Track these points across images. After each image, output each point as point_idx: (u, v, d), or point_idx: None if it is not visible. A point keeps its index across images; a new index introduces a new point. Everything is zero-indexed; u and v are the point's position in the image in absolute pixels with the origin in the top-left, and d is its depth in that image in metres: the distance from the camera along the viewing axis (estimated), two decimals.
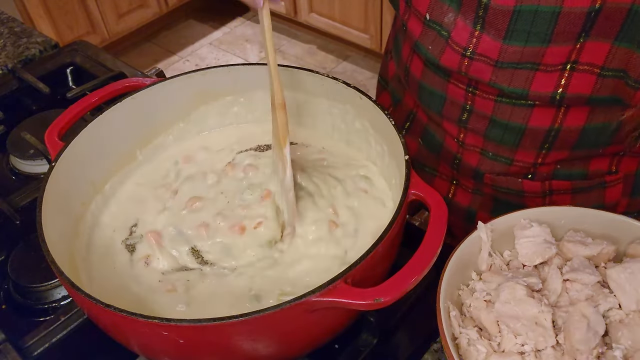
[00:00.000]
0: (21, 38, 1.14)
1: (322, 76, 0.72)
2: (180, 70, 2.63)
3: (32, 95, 1.02)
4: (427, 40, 0.66)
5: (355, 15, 2.51)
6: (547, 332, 0.52)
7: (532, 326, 0.53)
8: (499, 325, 0.54)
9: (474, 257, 0.60)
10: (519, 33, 0.58)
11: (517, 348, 0.53)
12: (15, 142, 0.90)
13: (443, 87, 0.69)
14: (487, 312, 0.55)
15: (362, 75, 2.70)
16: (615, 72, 0.58)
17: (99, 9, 2.62)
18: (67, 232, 0.64)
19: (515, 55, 0.59)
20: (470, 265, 0.60)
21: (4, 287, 0.73)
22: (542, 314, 0.53)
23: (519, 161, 0.69)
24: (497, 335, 0.54)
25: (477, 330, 0.55)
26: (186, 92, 0.76)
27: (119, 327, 0.53)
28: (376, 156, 0.72)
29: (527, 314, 0.53)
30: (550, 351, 0.52)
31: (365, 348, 0.63)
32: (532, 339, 0.52)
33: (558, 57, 0.58)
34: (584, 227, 0.61)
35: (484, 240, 0.59)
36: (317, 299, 0.48)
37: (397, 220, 0.54)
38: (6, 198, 0.79)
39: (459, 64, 0.63)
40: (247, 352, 0.52)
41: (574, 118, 0.63)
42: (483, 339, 0.54)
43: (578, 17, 0.55)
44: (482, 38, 0.60)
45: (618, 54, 0.57)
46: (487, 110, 0.66)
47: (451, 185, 0.80)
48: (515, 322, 0.53)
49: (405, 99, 0.80)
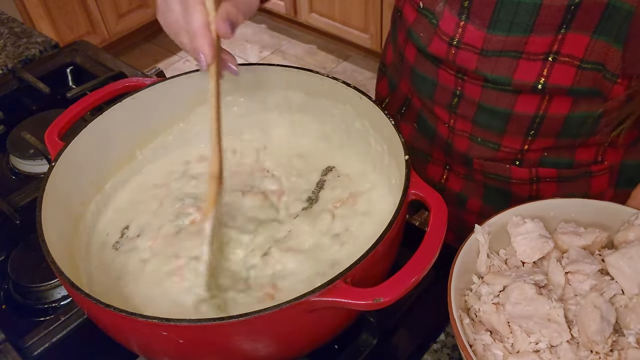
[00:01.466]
0: (21, 38, 1.14)
1: (322, 76, 0.72)
2: (180, 70, 2.63)
3: (32, 95, 1.02)
4: (419, 28, 0.69)
5: (355, 15, 2.51)
6: (562, 327, 0.53)
7: (545, 323, 0.53)
8: (510, 326, 0.54)
9: (472, 260, 0.60)
10: (502, 23, 0.61)
11: (532, 347, 0.53)
12: (15, 142, 0.90)
13: (434, 73, 0.71)
14: (497, 315, 0.55)
15: (362, 75, 2.70)
16: (594, 64, 0.60)
17: (99, 9, 2.62)
18: (67, 232, 0.64)
19: (498, 44, 0.62)
20: (470, 269, 0.60)
21: (4, 287, 0.73)
22: (554, 309, 0.53)
23: (506, 147, 0.71)
24: (510, 337, 0.54)
25: (488, 333, 0.55)
26: (186, 92, 0.76)
27: (119, 327, 0.53)
28: (377, 159, 0.72)
29: (539, 312, 0.53)
30: (566, 346, 0.52)
31: (365, 348, 0.63)
32: (546, 336, 0.53)
33: (540, 47, 0.61)
34: (574, 217, 0.62)
35: (482, 242, 0.59)
36: (316, 299, 0.48)
37: (397, 220, 0.54)
38: (6, 198, 0.79)
39: (446, 53, 0.66)
40: (247, 352, 0.52)
41: (558, 106, 0.65)
42: (497, 342, 0.54)
43: (558, 10, 0.58)
44: (467, 28, 0.63)
45: (597, 47, 0.59)
46: (475, 96, 0.68)
47: (444, 171, 0.82)
48: (528, 321, 0.53)
49: (401, 84, 0.82)
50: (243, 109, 0.80)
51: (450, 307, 0.54)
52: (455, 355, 0.62)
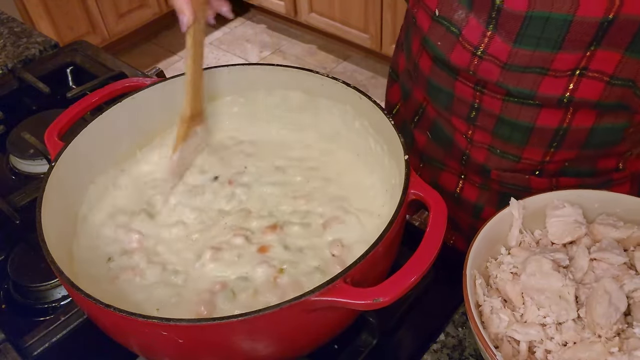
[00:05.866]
0: (21, 38, 1.14)
1: (322, 76, 0.72)
2: (180, 70, 2.62)
3: (32, 95, 1.02)
4: (436, 36, 0.66)
5: (355, 15, 2.51)
6: (570, 305, 0.54)
7: (556, 299, 0.54)
8: (523, 298, 0.56)
9: (504, 232, 0.62)
10: (529, 38, 0.58)
11: (539, 320, 0.54)
12: (15, 142, 0.90)
13: (451, 85, 0.69)
14: (512, 284, 0.56)
15: (362, 75, 2.70)
16: (625, 81, 0.58)
17: (99, 9, 2.62)
18: (67, 232, 0.64)
19: (524, 59, 0.59)
20: (500, 241, 0.61)
21: (4, 287, 0.73)
22: (566, 287, 0.54)
23: (526, 159, 0.69)
24: (521, 307, 0.56)
25: (501, 300, 0.56)
26: None
27: (119, 327, 0.53)
28: (375, 158, 0.72)
29: (552, 287, 0.55)
30: (571, 324, 0.53)
31: (365, 348, 0.63)
32: (554, 312, 0.54)
33: (567, 64, 0.58)
34: (617, 212, 0.62)
35: (516, 217, 0.61)
36: (316, 299, 0.48)
37: (397, 219, 0.54)
38: (6, 198, 0.79)
39: (469, 63, 0.63)
40: (247, 352, 0.52)
41: (582, 119, 0.63)
42: (506, 308, 0.55)
43: (590, 27, 0.55)
44: (494, 39, 0.60)
45: (628, 64, 0.57)
46: (495, 109, 0.66)
47: (459, 180, 0.80)
48: (540, 295, 0.54)
49: (414, 92, 0.80)
50: (243, 109, 0.80)
51: (465, 263, 0.55)
52: (455, 355, 0.62)
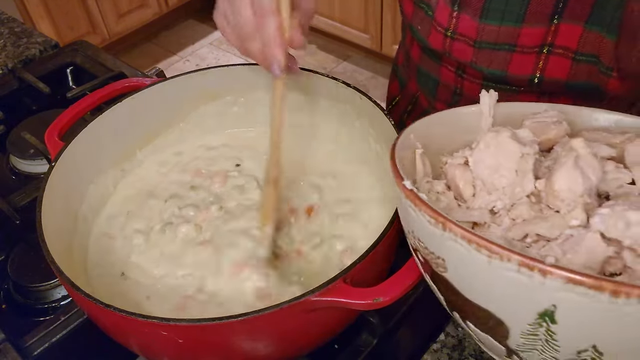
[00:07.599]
0: (21, 38, 1.14)
1: (322, 76, 0.72)
2: (180, 70, 2.63)
3: (32, 95, 1.02)
4: (416, 21, 0.68)
5: (355, 15, 2.51)
6: (527, 177, 0.43)
7: (512, 177, 0.44)
8: (474, 188, 0.46)
9: (470, 128, 0.52)
10: (495, 12, 0.60)
11: (489, 206, 0.44)
12: (15, 142, 0.90)
13: (437, 71, 0.71)
14: (462, 170, 0.47)
15: (362, 75, 2.70)
16: (589, 56, 0.60)
17: (99, 9, 2.62)
18: (67, 232, 0.64)
19: (492, 35, 0.62)
20: (463, 137, 0.52)
21: (4, 287, 0.73)
22: (525, 158, 0.44)
23: None
24: (470, 199, 0.46)
25: (445, 185, 0.48)
26: (186, 92, 0.76)
27: (119, 327, 0.53)
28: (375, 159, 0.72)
29: (508, 161, 0.44)
30: (525, 202, 0.43)
31: (365, 348, 0.63)
32: (507, 194, 0.44)
33: (533, 39, 0.60)
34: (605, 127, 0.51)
35: (485, 113, 0.52)
36: (316, 299, 0.48)
37: (397, 219, 0.54)
38: (6, 198, 0.79)
39: (442, 44, 0.65)
40: (247, 351, 0.52)
41: None
42: (450, 192, 0.46)
43: None
44: (461, 17, 0.63)
45: (590, 37, 0.59)
46: (475, 95, 0.68)
47: None
48: (492, 174, 0.45)
49: (409, 83, 0.82)
50: (243, 109, 0.80)
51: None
52: (455, 355, 0.62)
